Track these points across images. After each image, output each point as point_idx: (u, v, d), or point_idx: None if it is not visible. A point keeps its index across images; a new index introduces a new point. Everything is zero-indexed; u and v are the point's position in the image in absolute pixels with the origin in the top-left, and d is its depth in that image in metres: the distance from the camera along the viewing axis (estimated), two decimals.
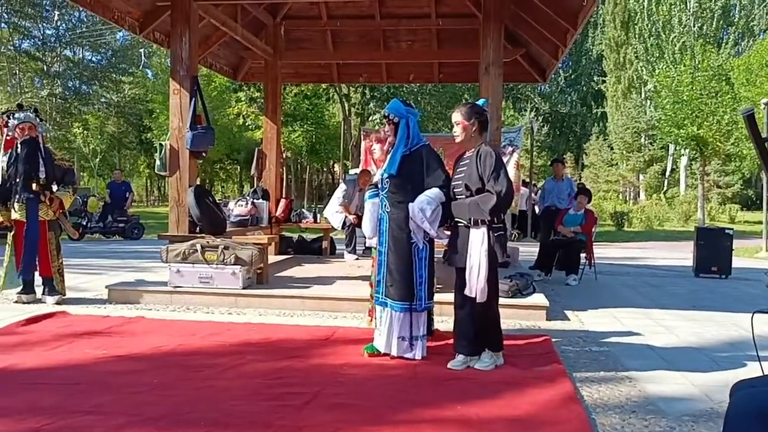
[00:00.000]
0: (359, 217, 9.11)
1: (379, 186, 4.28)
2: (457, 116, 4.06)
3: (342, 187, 8.89)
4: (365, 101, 22.96)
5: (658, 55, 31.78)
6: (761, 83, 20.19)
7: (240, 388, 3.52)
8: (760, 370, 1.93)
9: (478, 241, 3.87)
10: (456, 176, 4.09)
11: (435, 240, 4.23)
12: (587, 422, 3.07)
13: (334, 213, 8.70)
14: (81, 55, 35.69)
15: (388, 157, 4.25)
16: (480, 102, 4.21)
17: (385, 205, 4.22)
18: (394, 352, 4.13)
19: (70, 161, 7.10)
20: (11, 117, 5.95)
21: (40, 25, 31.19)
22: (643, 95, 35.79)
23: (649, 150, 34.82)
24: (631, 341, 4.92)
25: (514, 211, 16.13)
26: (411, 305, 4.11)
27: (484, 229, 3.86)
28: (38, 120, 6.10)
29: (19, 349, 4.27)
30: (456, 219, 4.03)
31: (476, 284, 3.85)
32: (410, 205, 4.03)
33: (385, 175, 4.20)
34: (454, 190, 4.06)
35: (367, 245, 7.97)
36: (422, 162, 4.11)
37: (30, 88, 31.48)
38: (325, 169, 39.36)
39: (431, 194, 4.03)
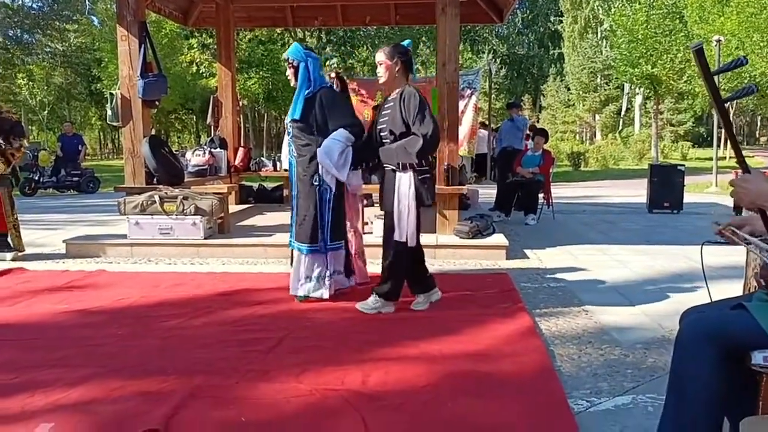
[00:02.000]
0: None
1: (286, 131, 4.28)
2: (380, 56, 3.96)
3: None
4: (321, 45, 22.45)
5: None
6: (713, 20, 20.43)
7: (206, 336, 3.55)
8: (708, 298, 2.02)
9: (405, 185, 3.84)
10: (381, 120, 4.02)
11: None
12: (546, 353, 3.20)
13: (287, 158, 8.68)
14: (20, 2, 33.92)
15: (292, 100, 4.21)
16: (404, 42, 4.15)
17: (291, 150, 4.22)
18: (300, 293, 4.22)
19: (17, 114, 6.83)
20: None
21: None
22: (599, 35, 35.91)
23: (605, 90, 35.22)
24: (587, 276, 5.09)
25: (472, 154, 16.23)
26: (316, 246, 4.16)
27: (410, 173, 3.83)
28: None
29: None
30: (384, 163, 3.99)
31: (406, 228, 3.84)
32: (318, 150, 4.02)
33: (288, 120, 4.20)
34: (380, 134, 4.01)
35: None
36: (322, 104, 4.08)
37: None
38: (282, 117, 38.75)
39: (337, 136, 4.02)
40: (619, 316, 3.93)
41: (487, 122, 17.52)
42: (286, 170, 8.50)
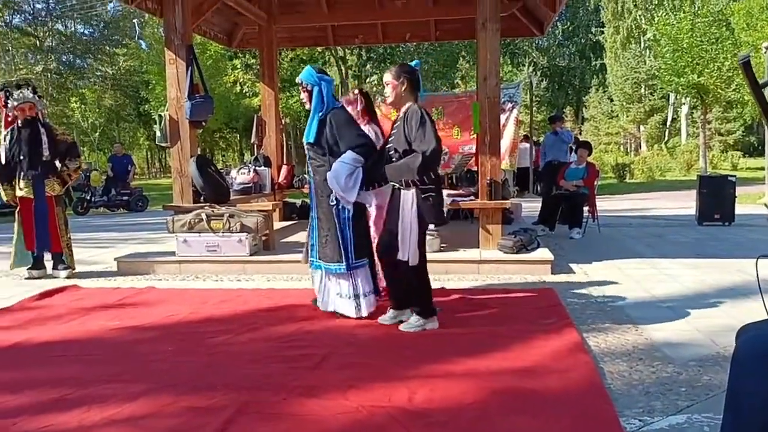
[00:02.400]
0: None
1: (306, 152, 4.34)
2: (387, 76, 4.02)
3: None
4: (362, 63, 22.71)
5: (657, 2, 31.28)
6: (762, 27, 19.88)
7: (253, 352, 3.60)
8: (765, 314, 1.96)
9: (408, 203, 3.84)
10: (390, 139, 4.06)
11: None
12: (595, 370, 3.14)
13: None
14: (73, 29, 35.26)
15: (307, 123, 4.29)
16: (413, 63, 4.20)
17: (309, 171, 4.33)
18: (340, 311, 4.25)
19: (71, 135, 7.10)
20: (9, 96, 5.92)
21: (29, 0, 30.73)
22: (642, 45, 35.33)
23: (650, 100, 34.55)
24: (636, 291, 4.98)
25: (514, 167, 16.11)
26: (342, 266, 4.17)
27: (413, 191, 3.83)
28: (37, 98, 6.09)
29: (35, 324, 4.35)
30: (390, 181, 3.97)
31: (408, 247, 3.81)
32: (328, 173, 4.05)
33: (305, 143, 4.27)
34: (389, 153, 4.01)
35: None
36: (332, 126, 4.12)
37: (24, 64, 31.19)
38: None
39: (345, 159, 4.03)
40: (670, 332, 3.83)
41: (529, 135, 17.38)
42: None
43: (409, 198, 3.84)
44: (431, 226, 7.56)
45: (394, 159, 3.95)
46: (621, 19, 36.74)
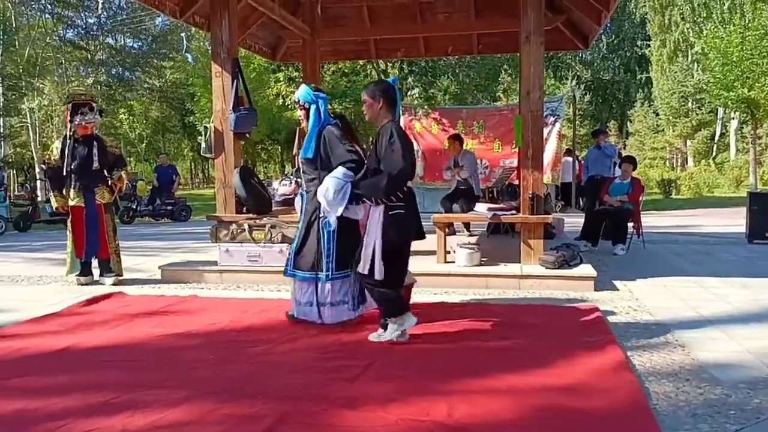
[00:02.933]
0: None
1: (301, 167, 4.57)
2: (364, 95, 4.08)
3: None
4: (403, 76, 22.76)
5: (705, 15, 30.60)
6: None
7: (293, 362, 3.62)
8: None
9: (375, 219, 3.90)
10: (369, 155, 4.16)
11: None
12: (640, 390, 3.06)
13: None
14: (123, 43, 36.33)
15: (304, 140, 4.45)
16: (390, 80, 4.22)
17: (302, 185, 4.58)
18: (293, 313, 4.52)
19: (119, 147, 7.32)
20: (78, 112, 6.12)
21: (82, 15, 31.80)
22: (689, 58, 34.58)
23: (697, 115, 33.74)
24: (683, 309, 4.85)
25: (557, 182, 15.93)
26: (316, 275, 4.34)
27: (381, 207, 3.87)
28: (99, 117, 6.38)
29: (82, 329, 4.46)
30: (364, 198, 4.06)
31: (368, 261, 3.85)
32: (318, 187, 4.14)
33: (302, 158, 4.44)
34: (370, 169, 4.09)
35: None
36: (325, 142, 4.30)
37: (76, 77, 32.22)
38: (365, 146, 39.38)
39: (337, 174, 4.11)
40: (718, 353, 3.72)
41: (571, 149, 17.18)
42: None
43: (376, 215, 3.91)
44: (471, 240, 7.53)
45: (368, 176, 4.06)
46: (668, 32, 36.05)
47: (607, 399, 2.95)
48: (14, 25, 28.25)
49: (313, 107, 4.39)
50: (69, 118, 6.17)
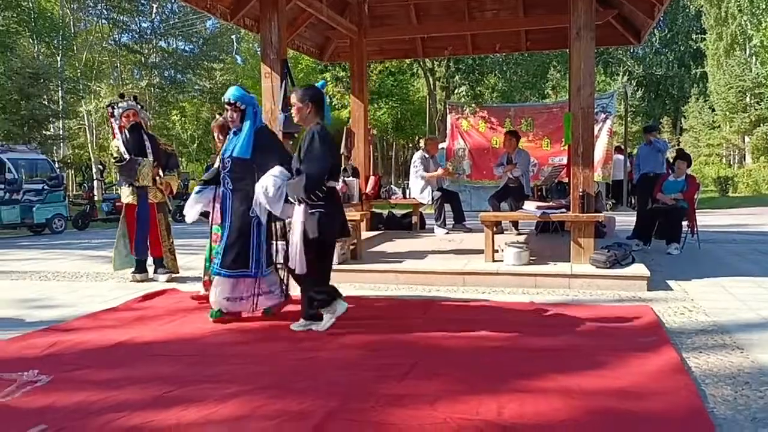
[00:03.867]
0: (444, 192, 9.17)
1: (221, 167, 4.57)
2: (293, 99, 4.29)
3: (415, 163, 9.04)
4: (450, 74, 22.64)
5: (764, 6, 29.48)
6: None
7: (342, 359, 3.65)
8: None
9: (297, 218, 4.13)
10: (296, 156, 4.28)
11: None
12: (696, 393, 2.97)
13: (419, 192, 8.89)
14: (175, 46, 37.18)
15: (234, 140, 4.51)
16: (318, 84, 4.48)
17: (227, 183, 4.51)
18: (216, 307, 4.54)
19: (172, 146, 7.50)
20: (115, 107, 6.37)
21: (136, 19, 32.67)
22: (747, 51, 33.38)
23: (756, 110, 32.53)
24: (741, 310, 4.69)
25: (607, 179, 15.60)
26: (244, 271, 4.45)
27: (303, 207, 4.10)
28: (139, 107, 6.51)
29: (138, 324, 4.60)
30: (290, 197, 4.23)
31: (296, 257, 4.10)
32: (256, 185, 4.25)
33: (228, 155, 4.48)
34: (296, 169, 4.24)
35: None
36: (261, 143, 4.43)
37: (130, 80, 33.18)
38: (410, 145, 39.36)
39: (275, 173, 4.23)
40: None
41: (623, 146, 16.80)
42: (413, 198, 8.68)
43: (299, 213, 4.12)
44: (519, 239, 7.44)
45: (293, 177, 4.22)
46: (724, 25, 34.87)
47: (662, 402, 2.87)
48: (73, 31, 29.27)
49: (250, 108, 4.49)
50: (111, 116, 6.41)
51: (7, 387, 3.22)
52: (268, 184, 4.21)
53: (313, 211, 4.11)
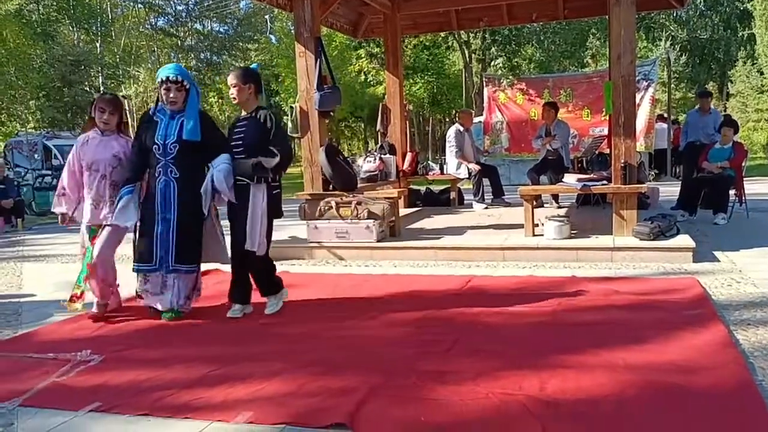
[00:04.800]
0: (483, 166, 9.08)
1: (158, 153, 4.19)
2: (232, 79, 4.19)
3: (450, 139, 8.96)
4: (486, 46, 22.30)
5: None
6: None
7: (383, 336, 3.68)
8: None
9: (260, 198, 4.11)
10: (235, 137, 4.22)
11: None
12: (745, 366, 2.91)
13: (456, 169, 8.83)
14: (210, 28, 37.44)
15: (172, 123, 4.20)
16: (253, 66, 4.45)
17: (171, 171, 4.19)
18: (174, 307, 4.27)
19: None
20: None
21: (172, 2, 32.97)
22: None
23: None
24: None
25: (650, 149, 15.23)
26: (195, 266, 4.34)
27: (265, 187, 4.11)
28: None
29: None
30: (237, 177, 4.12)
31: (257, 238, 4.11)
32: (215, 173, 4.09)
33: (172, 140, 4.18)
34: (234, 150, 4.17)
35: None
36: (205, 124, 4.25)
37: (167, 63, 33.61)
38: (447, 120, 39.04)
39: (227, 159, 4.14)
40: None
41: (666, 115, 16.34)
42: (450, 174, 8.60)
43: (260, 193, 4.12)
44: (559, 212, 7.35)
45: (241, 157, 4.13)
46: None
47: (710, 375, 2.82)
48: (110, 17, 29.69)
49: (193, 89, 4.26)
50: None
51: (63, 366, 3.35)
52: (227, 170, 4.10)
53: (275, 191, 4.23)
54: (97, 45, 27.75)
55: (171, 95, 4.18)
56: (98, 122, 4.33)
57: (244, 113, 4.30)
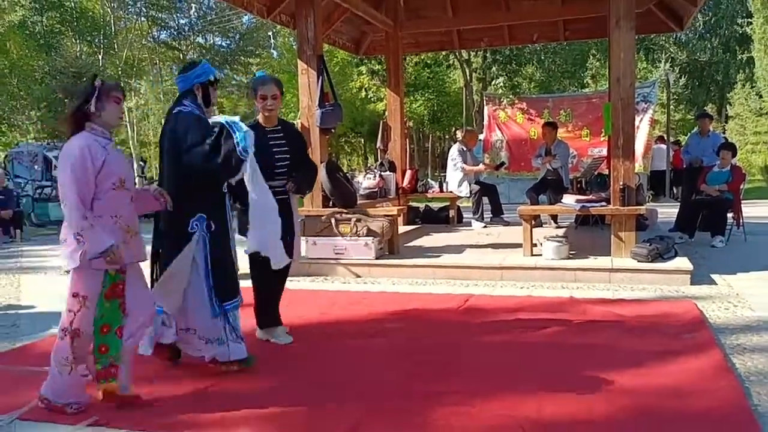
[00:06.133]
0: (482, 185, 9.11)
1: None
2: (275, 89, 3.88)
3: (453, 156, 8.99)
4: (487, 65, 22.47)
5: None
6: None
7: (380, 355, 3.69)
8: None
9: (296, 211, 4.10)
10: (277, 150, 3.90)
11: None
12: (741, 391, 2.92)
13: (457, 186, 8.84)
14: (212, 42, 37.65)
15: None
16: (259, 74, 4.13)
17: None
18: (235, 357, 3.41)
19: None
20: None
21: (174, 16, 33.18)
22: None
23: None
24: None
25: (647, 171, 15.28)
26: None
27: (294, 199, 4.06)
28: None
29: None
30: (277, 189, 3.77)
31: (298, 249, 4.19)
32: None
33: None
34: (278, 163, 3.89)
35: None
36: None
37: (169, 76, 33.69)
38: (447, 137, 39.17)
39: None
40: None
41: (665, 136, 16.43)
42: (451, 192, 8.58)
43: (296, 205, 4.13)
44: (558, 232, 7.36)
45: (283, 170, 3.92)
46: None
47: (706, 400, 2.83)
48: (113, 29, 29.88)
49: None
50: None
51: None
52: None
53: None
54: (100, 57, 27.89)
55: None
56: (113, 120, 3.01)
57: (268, 125, 3.95)
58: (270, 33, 27.92)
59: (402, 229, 8.10)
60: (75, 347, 2.86)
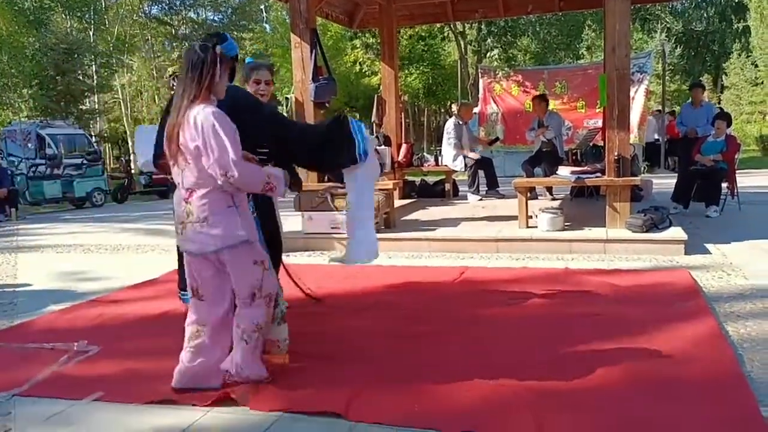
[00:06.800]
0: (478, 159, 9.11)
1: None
2: (268, 75, 3.84)
3: (448, 131, 8.96)
4: (482, 37, 22.29)
5: None
6: None
7: (378, 327, 3.71)
8: None
9: None
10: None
11: None
12: (734, 357, 2.96)
13: (452, 161, 8.83)
14: (204, 16, 37.20)
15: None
16: (248, 60, 4.03)
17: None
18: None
19: None
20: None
21: None
22: None
23: None
24: None
25: (642, 142, 15.29)
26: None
27: None
28: None
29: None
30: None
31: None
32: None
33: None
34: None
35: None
36: None
37: (162, 52, 33.36)
38: (442, 111, 39.01)
39: None
40: None
41: (661, 109, 16.39)
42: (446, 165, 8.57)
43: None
44: (553, 204, 7.39)
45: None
46: None
47: (700, 367, 2.87)
48: (104, 5, 29.46)
49: None
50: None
51: (61, 357, 3.37)
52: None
53: None
54: (90, 33, 27.55)
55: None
56: (223, 91, 2.82)
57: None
58: (262, 6, 27.57)
59: (398, 203, 8.11)
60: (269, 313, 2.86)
